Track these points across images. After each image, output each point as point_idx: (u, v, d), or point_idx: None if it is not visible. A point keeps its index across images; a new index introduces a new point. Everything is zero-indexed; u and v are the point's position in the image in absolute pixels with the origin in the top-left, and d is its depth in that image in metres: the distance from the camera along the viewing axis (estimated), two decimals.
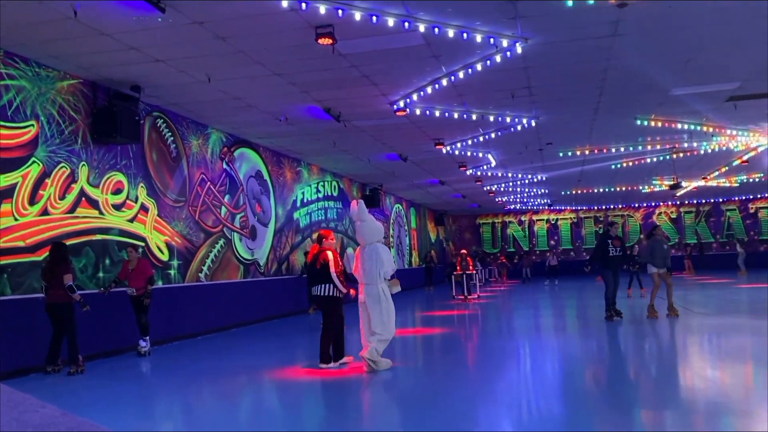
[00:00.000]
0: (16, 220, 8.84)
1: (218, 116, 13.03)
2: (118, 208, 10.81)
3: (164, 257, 11.98)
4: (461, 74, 10.56)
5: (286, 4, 7.64)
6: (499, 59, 9.82)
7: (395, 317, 8.07)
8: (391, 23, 8.24)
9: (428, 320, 14.91)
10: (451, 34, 8.70)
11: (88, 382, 8.21)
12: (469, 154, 18.10)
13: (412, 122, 13.95)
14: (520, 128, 14.68)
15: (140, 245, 11.19)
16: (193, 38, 8.71)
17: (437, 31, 8.58)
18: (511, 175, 23.43)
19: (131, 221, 11.11)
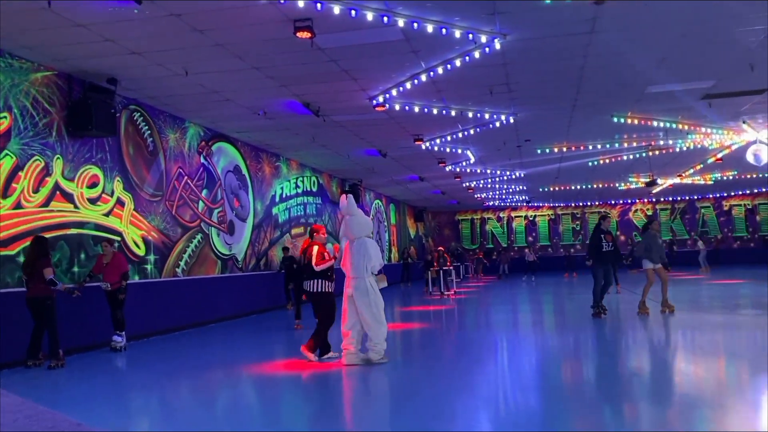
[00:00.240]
0: None
1: (196, 110, 12.92)
2: (93, 202, 10.69)
3: (141, 252, 11.86)
4: (440, 70, 10.58)
5: None
6: (477, 55, 9.85)
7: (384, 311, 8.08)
8: (370, 17, 8.23)
9: (406, 316, 14.95)
10: (430, 29, 8.71)
11: (68, 375, 8.16)
12: (448, 150, 18.15)
13: (391, 118, 13.95)
14: (498, 125, 14.74)
15: (116, 240, 11.07)
16: (169, 30, 8.62)
17: (416, 26, 8.58)
18: (489, 171, 23.53)
19: (107, 215, 10.99)
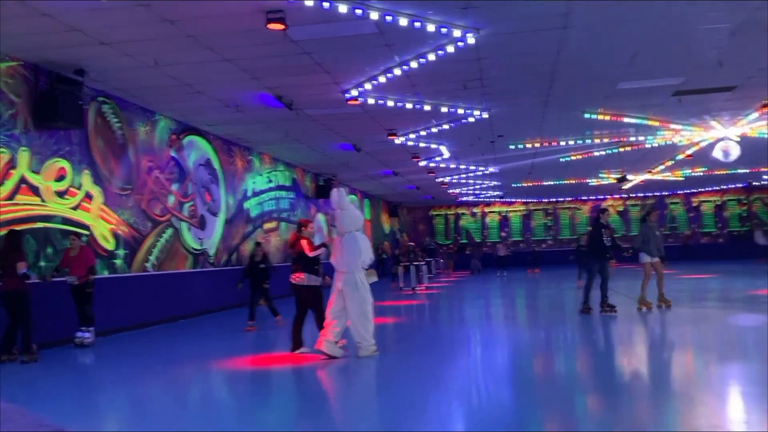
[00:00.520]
0: None
1: (166, 102, 12.73)
2: (60, 195, 10.48)
3: (110, 246, 11.67)
4: (414, 64, 10.55)
5: None
6: (451, 49, 9.84)
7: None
8: (343, 10, 8.16)
9: (379, 310, 14.92)
10: (403, 22, 8.67)
11: (40, 371, 8.05)
12: (422, 145, 18.15)
13: (365, 112, 13.90)
14: (472, 120, 14.78)
15: (84, 234, 10.87)
16: (138, 20, 8.46)
17: (390, 19, 8.54)
18: (463, 167, 23.61)
19: (75, 209, 10.78)
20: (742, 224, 36.75)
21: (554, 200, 38.46)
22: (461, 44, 9.65)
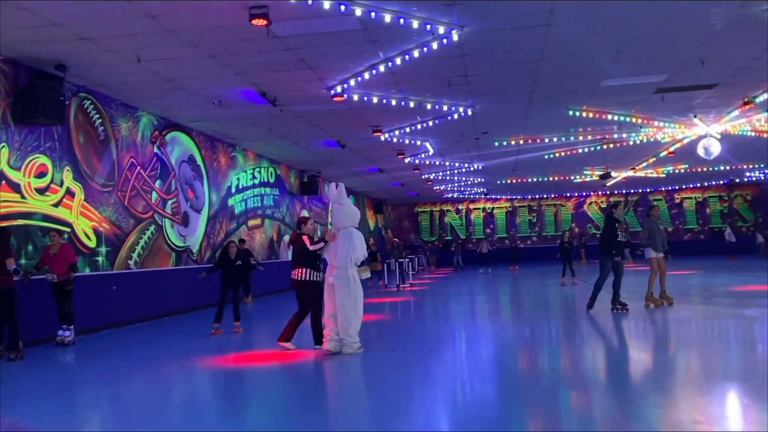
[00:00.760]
0: None
1: (149, 98, 12.62)
2: (41, 192, 10.35)
3: (92, 244, 11.55)
4: (398, 61, 10.53)
5: None
6: (435, 46, 9.83)
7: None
8: (326, 5, 8.12)
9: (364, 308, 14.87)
10: (387, 19, 8.64)
11: (27, 369, 7.98)
12: (407, 141, 18.14)
13: (349, 108, 13.86)
14: (456, 117, 14.79)
15: (66, 231, 10.75)
16: (120, 16, 8.36)
17: (374, 15, 8.51)
18: (448, 163, 23.64)
19: (56, 206, 10.65)
20: (723, 221, 37.14)
21: (539, 196, 38.62)
22: (445, 41, 9.65)
